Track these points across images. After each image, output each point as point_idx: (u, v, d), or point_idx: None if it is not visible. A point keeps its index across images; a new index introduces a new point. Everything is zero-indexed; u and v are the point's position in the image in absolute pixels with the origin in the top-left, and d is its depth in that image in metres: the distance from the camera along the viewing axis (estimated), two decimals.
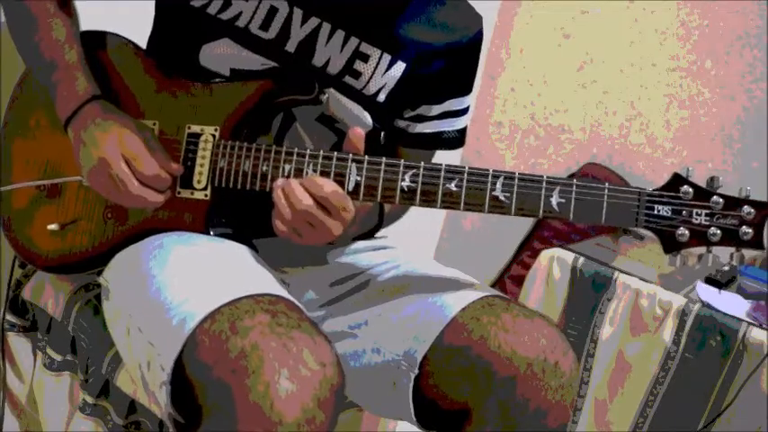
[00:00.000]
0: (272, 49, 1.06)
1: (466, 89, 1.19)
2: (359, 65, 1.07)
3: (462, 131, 1.21)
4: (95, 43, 1.11)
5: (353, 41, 1.06)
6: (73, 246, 1.09)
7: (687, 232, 0.89)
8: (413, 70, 1.10)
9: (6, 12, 1.12)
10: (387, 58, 1.08)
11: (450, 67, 1.13)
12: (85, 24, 1.14)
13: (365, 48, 1.07)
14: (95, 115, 1.01)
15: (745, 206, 0.88)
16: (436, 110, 1.16)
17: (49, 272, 1.14)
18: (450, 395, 0.95)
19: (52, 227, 1.09)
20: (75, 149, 1.03)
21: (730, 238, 0.88)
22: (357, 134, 0.95)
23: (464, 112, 1.20)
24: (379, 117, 1.13)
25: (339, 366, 0.80)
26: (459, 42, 1.13)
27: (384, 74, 1.08)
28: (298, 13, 1.05)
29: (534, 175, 0.91)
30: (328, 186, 0.93)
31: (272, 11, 1.04)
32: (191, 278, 0.91)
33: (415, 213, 1.24)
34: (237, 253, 1.01)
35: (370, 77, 1.08)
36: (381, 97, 1.10)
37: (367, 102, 1.10)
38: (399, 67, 1.09)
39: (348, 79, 1.08)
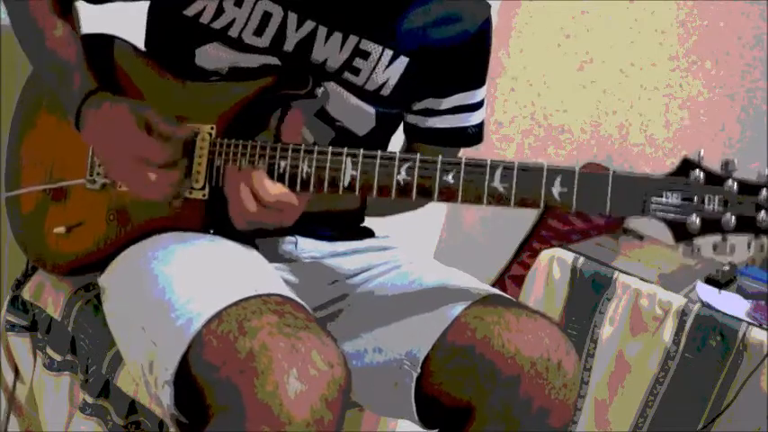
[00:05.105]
0: (268, 53, 1.04)
1: (477, 82, 1.15)
2: (358, 62, 1.05)
3: (479, 126, 1.18)
4: (102, 46, 1.10)
5: (353, 39, 1.04)
6: (79, 248, 1.09)
7: (698, 220, 0.81)
8: (417, 64, 1.08)
9: (11, 17, 1.11)
10: (388, 53, 1.05)
11: (456, 59, 1.10)
12: (86, 27, 1.14)
13: (365, 45, 1.04)
14: (92, 113, 0.99)
15: (764, 190, 0.80)
16: (446, 104, 1.13)
17: (58, 274, 1.14)
18: (452, 394, 0.95)
19: (58, 230, 1.09)
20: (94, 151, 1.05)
21: (747, 225, 0.81)
22: (295, 115, 0.95)
23: (478, 106, 1.16)
24: (385, 112, 1.11)
25: (346, 367, 0.80)
26: (464, 34, 1.10)
27: (386, 69, 1.06)
28: (292, 17, 1.03)
29: (535, 163, 0.86)
30: (275, 189, 0.93)
31: (266, 16, 1.02)
32: (195, 278, 0.91)
33: (415, 212, 1.24)
34: (242, 253, 1.01)
35: (371, 74, 1.06)
36: (386, 92, 1.08)
37: (370, 97, 1.08)
38: (402, 61, 1.06)
39: (348, 75, 1.06)
